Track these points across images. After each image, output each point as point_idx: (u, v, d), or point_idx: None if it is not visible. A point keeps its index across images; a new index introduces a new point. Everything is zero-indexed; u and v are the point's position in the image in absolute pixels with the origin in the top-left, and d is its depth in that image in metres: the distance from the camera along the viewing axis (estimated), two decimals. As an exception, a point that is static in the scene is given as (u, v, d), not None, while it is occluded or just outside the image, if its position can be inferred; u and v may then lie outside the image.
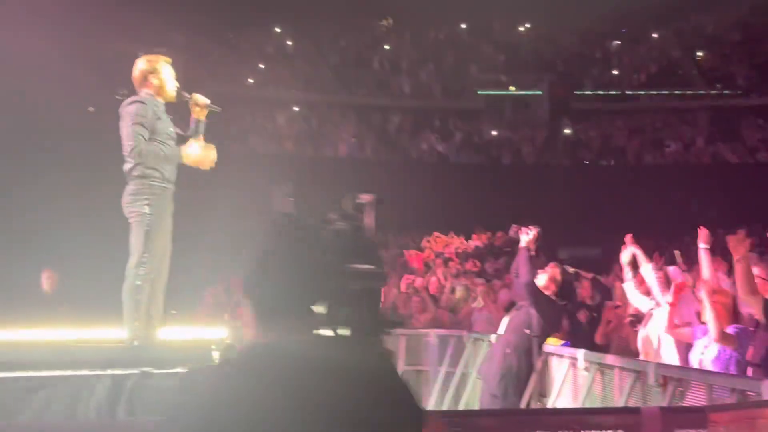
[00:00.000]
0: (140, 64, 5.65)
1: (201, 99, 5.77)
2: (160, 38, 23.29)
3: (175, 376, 4.87)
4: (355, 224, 3.33)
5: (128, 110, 5.48)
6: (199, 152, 5.68)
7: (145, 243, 5.46)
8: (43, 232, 13.89)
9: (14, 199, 14.13)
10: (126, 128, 5.45)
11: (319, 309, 2.26)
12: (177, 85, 5.70)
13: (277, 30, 27.09)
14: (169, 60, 5.75)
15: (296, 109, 24.58)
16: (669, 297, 6.38)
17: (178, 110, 5.87)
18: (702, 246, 6.17)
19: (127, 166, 5.57)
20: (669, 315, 6.20)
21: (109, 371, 4.79)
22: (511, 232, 7.33)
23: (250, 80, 25.13)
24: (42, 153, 15.34)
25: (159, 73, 5.63)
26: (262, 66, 25.68)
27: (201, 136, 5.81)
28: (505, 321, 7.43)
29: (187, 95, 5.77)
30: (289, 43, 26.97)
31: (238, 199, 17.33)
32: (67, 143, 16.73)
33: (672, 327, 6.16)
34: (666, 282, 6.62)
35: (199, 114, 5.80)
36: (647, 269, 6.73)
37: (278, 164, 20.70)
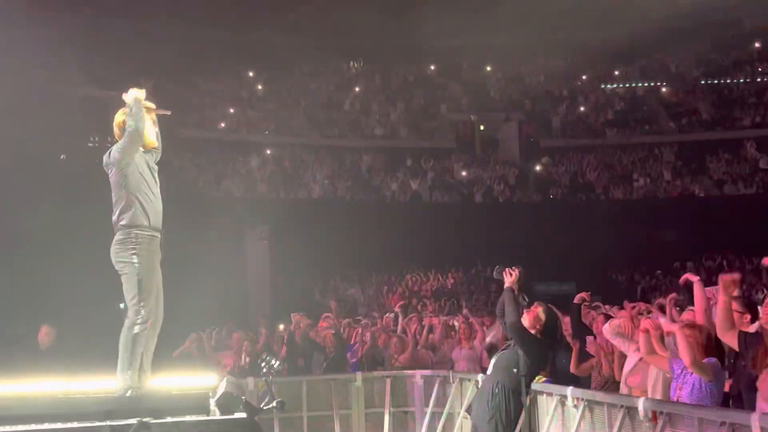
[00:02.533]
0: (119, 116, 5.73)
1: (151, 107, 5.85)
2: (129, 84, 23.38)
3: (174, 425, 4.88)
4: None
5: (110, 160, 5.60)
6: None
7: (138, 291, 5.51)
8: (41, 287, 13.79)
9: (13, 255, 14.06)
10: (114, 171, 5.55)
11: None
12: (157, 131, 5.81)
13: (249, 74, 27.26)
14: (151, 106, 5.81)
15: (269, 151, 24.66)
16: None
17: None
18: (695, 279, 6.36)
19: (114, 216, 5.62)
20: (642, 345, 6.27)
21: (107, 422, 4.78)
22: (494, 273, 7.41)
23: (222, 125, 25.20)
24: (37, 208, 15.23)
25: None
26: (232, 110, 25.78)
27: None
28: (492, 361, 7.49)
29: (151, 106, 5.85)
30: (260, 87, 27.14)
31: (213, 242, 17.32)
32: (43, 191, 16.64)
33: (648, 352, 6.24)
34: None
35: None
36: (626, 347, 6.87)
37: (252, 207, 20.75)
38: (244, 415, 5.14)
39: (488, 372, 7.44)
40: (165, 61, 23.99)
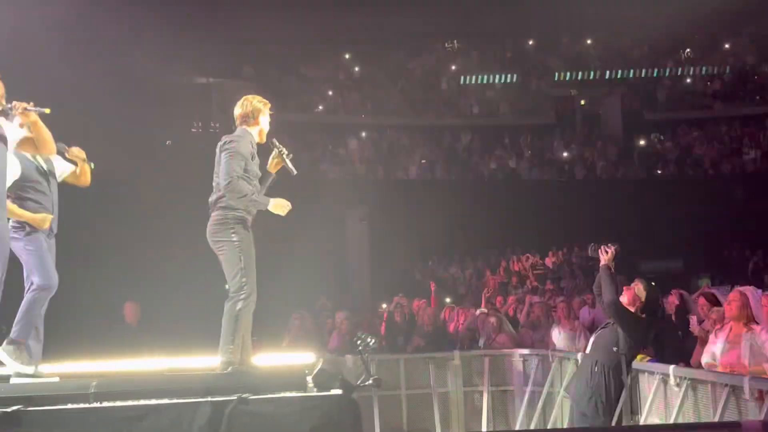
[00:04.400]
0: (254, 103, 5.87)
1: (285, 156, 6.01)
2: (230, 71, 23.91)
3: (271, 401, 4.98)
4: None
5: (230, 145, 5.71)
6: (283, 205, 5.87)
7: (241, 268, 5.65)
8: (128, 265, 14.31)
9: (98, 233, 14.58)
10: (225, 161, 5.66)
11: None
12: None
13: (346, 57, 27.42)
14: (269, 104, 5.99)
15: (366, 133, 24.81)
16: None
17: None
18: None
19: (213, 197, 5.77)
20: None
21: (208, 398, 4.91)
22: (590, 251, 7.29)
23: (320, 107, 25.48)
24: (124, 187, 15.83)
25: (267, 118, 5.91)
26: (330, 93, 26.02)
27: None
28: (591, 339, 7.37)
29: (278, 146, 6.02)
30: (357, 69, 27.27)
31: (313, 225, 17.55)
32: (149, 176, 17.24)
33: None
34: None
35: (273, 168, 5.99)
36: None
37: (350, 189, 20.93)
38: (339, 391, 5.18)
39: (588, 350, 7.33)
40: (265, 47, 24.43)
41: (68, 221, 6.18)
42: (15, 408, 4.58)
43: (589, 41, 28.84)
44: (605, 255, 6.99)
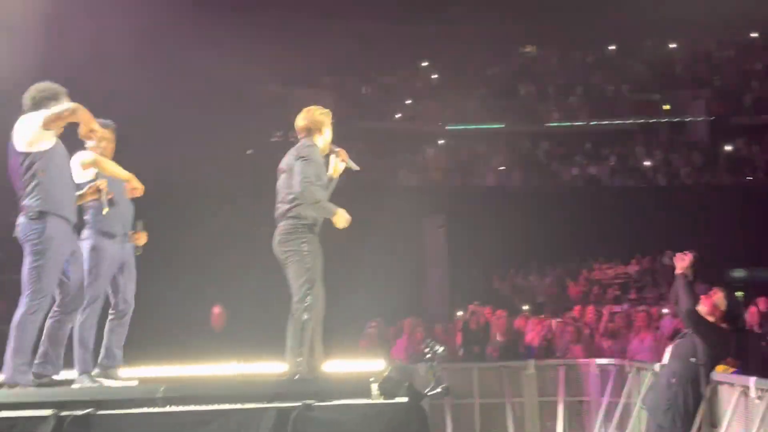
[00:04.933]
0: (317, 115, 5.94)
1: (345, 156, 6.04)
2: (310, 79, 24.21)
3: (335, 408, 4.99)
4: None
5: (306, 152, 5.80)
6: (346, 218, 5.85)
7: (307, 279, 5.70)
8: (212, 270, 14.58)
9: (183, 238, 14.90)
10: (301, 167, 5.72)
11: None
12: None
13: (424, 64, 27.44)
14: (330, 113, 6.05)
15: (444, 141, 24.74)
16: None
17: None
18: None
19: (284, 207, 5.81)
20: None
21: (274, 404, 4.95)
22: (666, 259, 7.13)
23: (398, 115, 25.55)
24: (208, 195, 16.16)
25: (330, 129, 5.97)
26: (408, 101, 26.07)
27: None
28: (669, 349, 7.15)
29: (335, 149, 6.02)
30: (435, 76, 27.25)
31: (390, 232, 17.58)
32: (230, 184, 17.57)
33: None
34: None
35: (336, 172, 6.03)
36: None
37: (428, 196, 20.88)
38: (406, 399, 5.15)
39: (665, 361, 7.12)
40: (343, 56, 24.65)
41: (153, 229, 6.32)
42: (85, 411, 4.69)
43: (673, 44, 28.15)
44: (682, 262, 6.80)
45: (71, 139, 5.50)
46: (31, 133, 5.17)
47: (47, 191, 5.18)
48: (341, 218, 5.81)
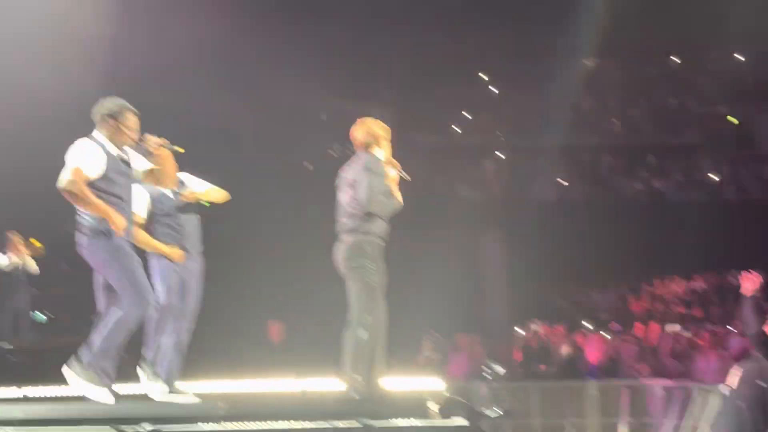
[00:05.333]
0: (374, 128, 5.93)
1: (398, 166, 5.99)
2: (368, 94, 24.26)
3: (393, 429, 4.91)
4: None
5: (370, 164, 5.79)
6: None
7: (369, 296, 5.65)
8: (270, 283, 14.66)
9: (241, 252, 15.00)
10: (367, 179, 5.71)
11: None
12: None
13: (482, 77, 27.26)
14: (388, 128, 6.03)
15: (502, 155, 24.52)
16: None
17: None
18: None
19: (348, 221, 5.77)
20: None
21: (332, 422, 4.89)
22: (733, 279, 6.91)
23: (455, 129, 25.42)
24: (266, 209, 16.26)
25: (388, 142, 5.96)
26: (466, 114, 25.92)
27: None
28: (737, 372, 6.91)
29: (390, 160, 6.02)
30: (493, 89, 27.04)
31: (448, 246, 17.47)
32: (287, 198, 17.67)
33: None
34: None
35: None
36: None
37: (486, 210, 20.70)
38: (465, 421, 5.05)
39: (733, 384, 6.88)
40: (400, 69, 24.64)
41: (213, 243, 6.34)
42: (153, 428, 4.69)
43: (740, 56, 27.48)
44: (750, 284, 6.56)
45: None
46: (66, 167, 5.24)
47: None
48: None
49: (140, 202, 5.82)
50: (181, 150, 5.88)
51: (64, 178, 5.15)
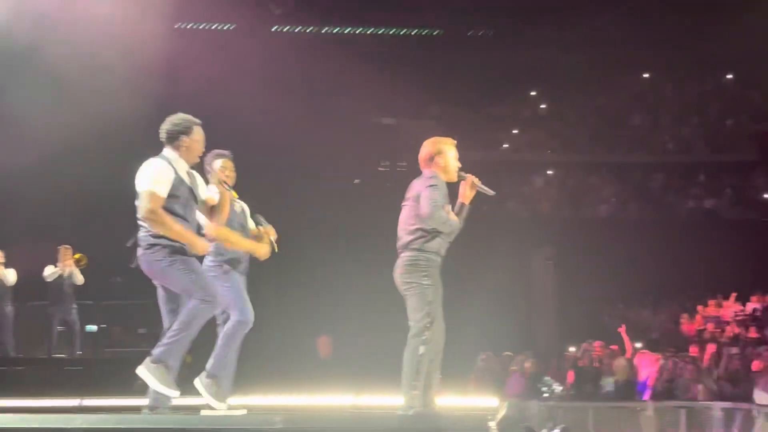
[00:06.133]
0: (427, 146, 5.93)
1: (476, 181, 5.91)
2: (417, 110, 24.28)
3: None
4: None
5: (432, 180, 5.79)
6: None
7: (426, 313, 5.61)
8: (319, 299, 14.68)
9: (289, 267, 15.07)
10: (429, 192, 5.71)
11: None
12: (459, 165, 5.94)
13: (532, 93, 27.11)
14: (454, 142, 5.95)
15: (553, 171, 24.32)
16: None
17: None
18: None
19: (407, 237, 5.75)
20: None
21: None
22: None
23: (505, 145, 25.28)
24: (314, 224, 16.31)
25: (444, 155, 5.89)
26: (516, 131, 25.78)
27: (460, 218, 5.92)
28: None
29: (464, 175, 5.94)
30: (544, 105, 26.87)
31: (499, 263, 17.34)
32: (336, 213, 17.70)
33: None
34: None
35: (467, 198, 5.92)
36: None
37: (536, 227, 20.52)
38: (524, 439, 4.95)
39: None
40: (450, 85, 24.63)
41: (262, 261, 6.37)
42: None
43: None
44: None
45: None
46: (139, 190, 5.32)
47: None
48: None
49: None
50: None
51: (143, 207, 5.27)
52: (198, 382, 5.74)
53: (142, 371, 5.25)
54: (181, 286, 5.35)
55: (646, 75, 27.53)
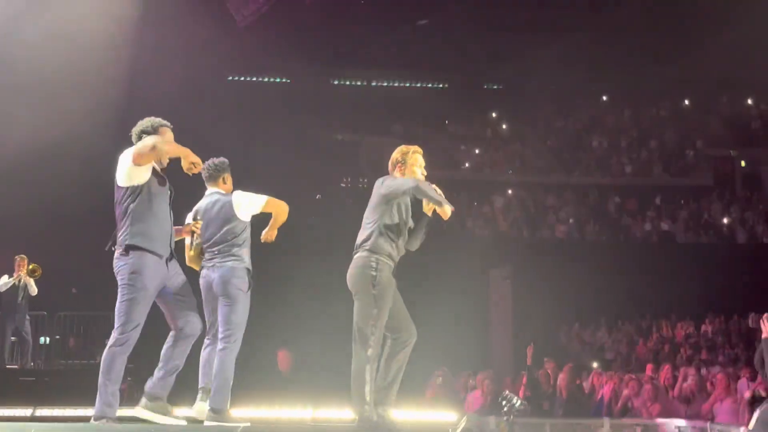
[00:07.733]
0: (394, 153, 6.06)
1: (436, 195, 5.81)
2: (380, 129, 24.39)
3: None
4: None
5: (387, 179, 5.82)
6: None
7: (373, 318, 5.48)
8: (278, 313, 14.58)
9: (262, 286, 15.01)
10: (388, 183, 5.75)
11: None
12: (424, 173, 5.93)
13: (493, 114, 27.38)
14: (419, 150, 6.01)
15: (512, 191, 24.54)
16: None
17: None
18: None
19: (360, 237, 5.71)
20: None
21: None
22: (750, 322, 6.85)
23: (467, 164, 25.46)
24: (291, 243, 16.22)
25: (405, 164, 5.95)
26: (477, 151, 25.97)
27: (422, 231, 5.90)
28: (756, 415, 6.83)
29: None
30: (504, 126, 27.14)
31: (456, 281, 17.40)
32: (298, 229, 17.62)
33: None
34: None
35: (428, 209, 5.92)
36: None
37: (495, 247, 20.63)
38: (482, 453, 4.97)
39: (750, 427, 6.80)
40: (414, 107, 24.83)
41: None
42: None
43: (749, 100, 27.59)
44: (767, 326, 6.53)
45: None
46: (124, 169, 5.25)
47: (136, 226, 5.22)
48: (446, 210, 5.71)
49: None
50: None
51: (146, 146, 5.19)
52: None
53: (142, 413, 5.31)
54: (116, 309, 5.26)
55: (605, 98, 27.98)
